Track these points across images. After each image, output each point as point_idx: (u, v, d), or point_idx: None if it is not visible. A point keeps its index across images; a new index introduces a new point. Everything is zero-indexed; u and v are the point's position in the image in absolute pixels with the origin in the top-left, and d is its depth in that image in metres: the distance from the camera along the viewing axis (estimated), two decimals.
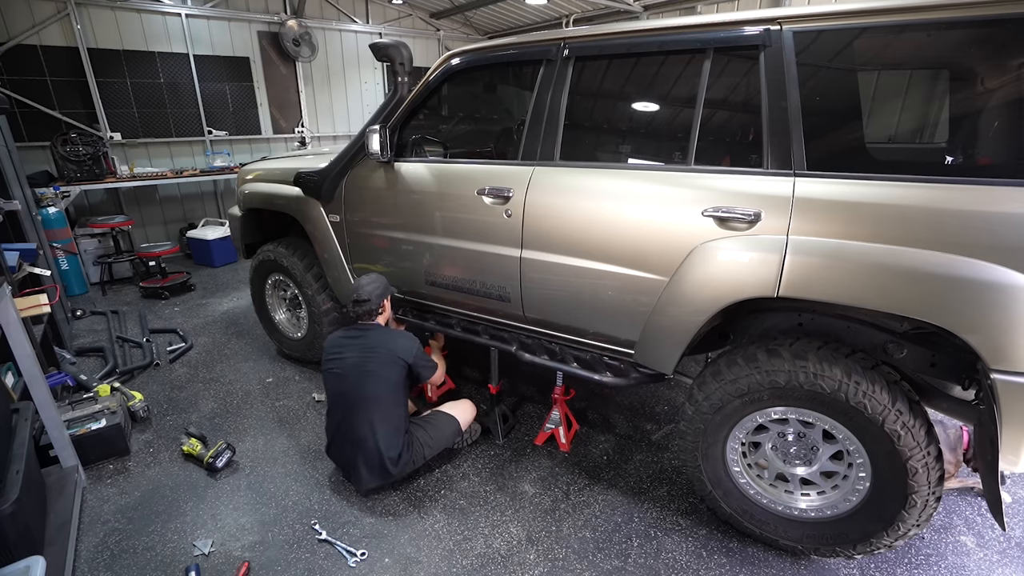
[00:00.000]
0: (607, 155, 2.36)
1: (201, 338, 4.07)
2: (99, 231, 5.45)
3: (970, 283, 1.43)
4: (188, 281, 5.23)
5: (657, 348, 2.04)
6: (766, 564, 2.00)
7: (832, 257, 1.60)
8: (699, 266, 1.83)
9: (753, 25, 1.78)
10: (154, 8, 5.91)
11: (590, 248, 2.10)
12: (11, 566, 1.69)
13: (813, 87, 1.71)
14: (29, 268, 2.93)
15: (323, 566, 2.00)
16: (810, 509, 1.93)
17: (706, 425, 2.00)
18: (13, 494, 1.77)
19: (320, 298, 3.21)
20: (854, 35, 1.66)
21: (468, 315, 2.70)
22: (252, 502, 2.34)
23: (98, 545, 2.12)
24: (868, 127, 1.77)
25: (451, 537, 2.14)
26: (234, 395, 3.23)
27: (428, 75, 2.53)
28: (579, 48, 2.16)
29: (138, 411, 2.93)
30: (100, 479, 2.50)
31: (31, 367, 2.16)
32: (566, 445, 2.67)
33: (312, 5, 7.14)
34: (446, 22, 8.66)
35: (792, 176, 1.71)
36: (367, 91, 8.11)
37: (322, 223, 3.00)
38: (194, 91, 6.37)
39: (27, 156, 5.22)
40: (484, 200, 2.34)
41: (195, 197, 6.79)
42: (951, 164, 1.66)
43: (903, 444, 1.65)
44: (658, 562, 2.01)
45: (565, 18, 7.85)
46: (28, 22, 5.23)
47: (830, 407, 1.74)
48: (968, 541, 2.09)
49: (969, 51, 1.57)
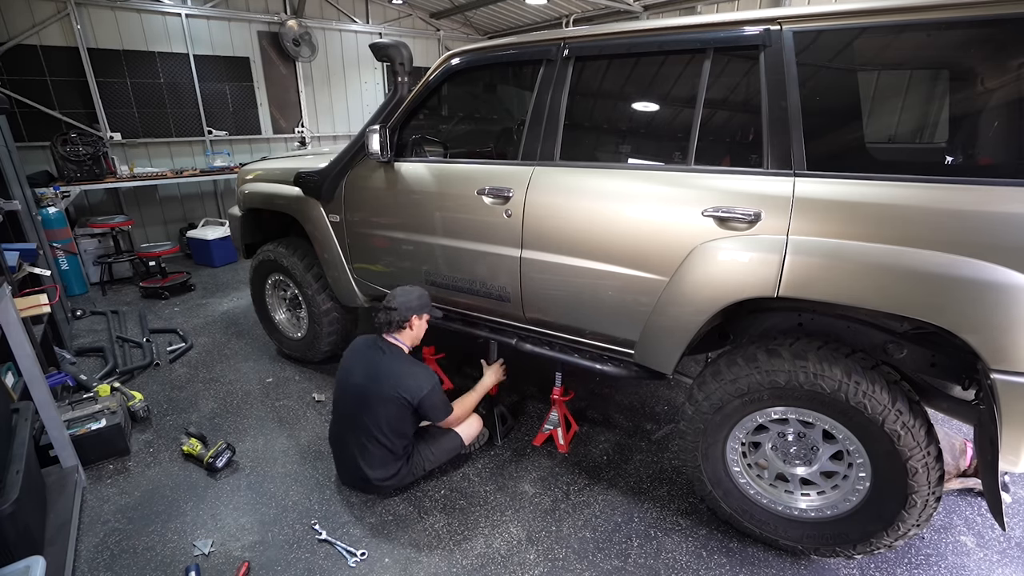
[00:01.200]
0: (607, 155, 2.36)
1: (201, 338, 4.07)
2: (99, 231, 5.45)
3: (970, 283, 1.43)
4: (188, 281, 5.23)
5: (657, 348, 2.04)
6: (766, 564, 2.00)
7: (832, 257, 1.60)
8: (699, 266, 1.83)
9: (753, 25, 1.78)
10: (154, 8, 5.91)
11: (590, 248, 2.10)
12: (11, 566, 1.69)
13: (813, 87, 1.71)
14: (29, 268, 2.93)
15: (323, 566, 2.00)
16: (810, 509, 1.93)
17: (706, 425, 2.00)
18: (13, 494, 1.77)
19: (320, 298, 3.21)
20: (854, 35, 1.66)
21: (469, 314, 2.70)
22: (252, 502, 2.34)
23: (98, 545, 2.12)
24: (868, 127, 1.77)
25: (451, 537, 2.14)
26: (234, 395, 3.23)
27: (428, 75, 2.53)
28: (579, 48, 2.16)
29: (138, 411, 2.93)
30: (100, 479, 2.50)
31: (31, 367, 2.16)
32: (564, 447, 2.66)
33: (312, 5, 7.14)
34: (446, 22, 8.66)
35: (792, 176, 1.71)
36: (367, 91, 8.11)
37: (322, 223, 3.00)
38: (194, 91, 6.37)
39: (27, 156, 5.22)
40: (484, 200, 2.34)
41: (195, 197, 6.79)
42: (951, 164, 1.66)
43: (903, 444, 1.65)
44: (658, 562, 2.01)
45: (565, 18, 7.84)
46: (28, 22, 5.23)
47: (830, 407, 1.74)
48: (968, 541, 2.09)
49: (969, 51, 1.57)
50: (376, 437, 2.20)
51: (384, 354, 2.28)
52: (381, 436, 2.20)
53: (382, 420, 2.19)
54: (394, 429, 2.22)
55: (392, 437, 2.21)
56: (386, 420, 2.20)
